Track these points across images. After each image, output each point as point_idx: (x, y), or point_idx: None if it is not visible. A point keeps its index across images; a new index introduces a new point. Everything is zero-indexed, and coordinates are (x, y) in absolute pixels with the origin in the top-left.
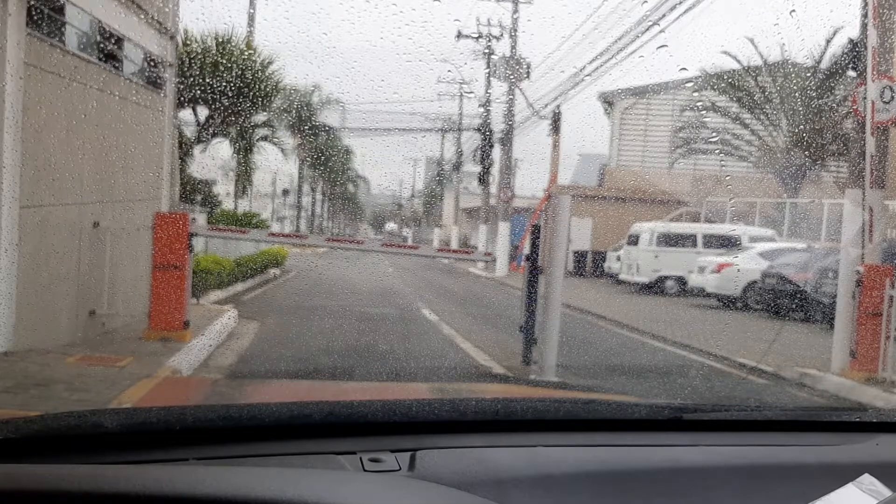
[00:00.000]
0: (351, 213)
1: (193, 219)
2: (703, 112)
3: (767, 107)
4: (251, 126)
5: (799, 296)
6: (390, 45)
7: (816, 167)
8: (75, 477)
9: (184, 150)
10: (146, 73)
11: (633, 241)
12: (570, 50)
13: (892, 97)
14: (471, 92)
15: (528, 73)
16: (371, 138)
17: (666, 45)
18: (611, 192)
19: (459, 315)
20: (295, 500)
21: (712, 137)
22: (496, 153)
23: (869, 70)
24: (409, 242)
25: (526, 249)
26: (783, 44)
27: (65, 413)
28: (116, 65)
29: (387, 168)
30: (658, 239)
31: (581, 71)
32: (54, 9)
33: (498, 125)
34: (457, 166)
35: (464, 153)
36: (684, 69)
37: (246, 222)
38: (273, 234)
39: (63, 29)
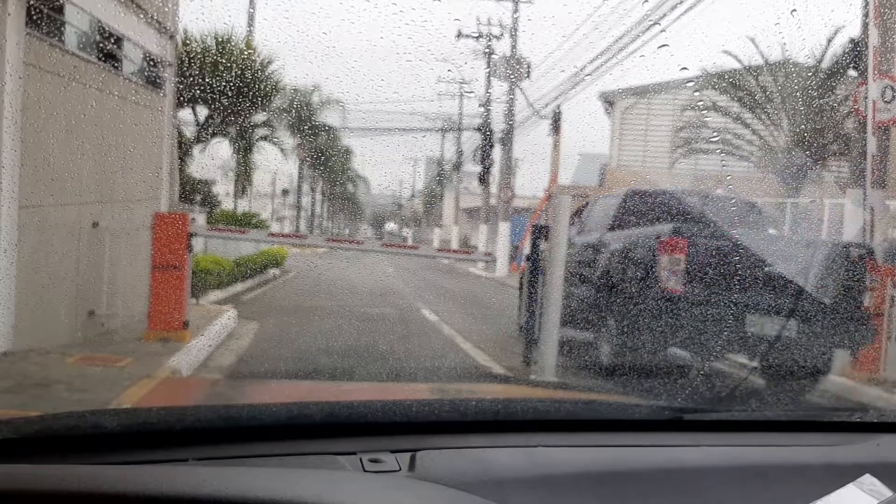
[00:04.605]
0: (351, 213)
1: (193, 219)
2: (704, 112)
3: (768, 106)
4: (251, 126)
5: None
6: (390, 45)
7: (818, 167)
8: (75, 477)
9: (183, 150)
10: (146, 73)
11: None
12: (570, 50)
13: (894, 97)
14: (471, 92)
15: (528, 72)
16: (371, 138)
17: (667, 45)
18: (611, 191)
19: (459, 315)
20: (295, 501)
21: (713, 137)
22: (496, 153)
23: (870, 69)
24: (409, 242)
25: (526, 249)
26: (784, 43)
27: (65, 413)
28: (116, 64)
29: (387, 168)
30: None
31: (581, 71)
32: (54, 8)
33: (498, 125)
34: (457, 166)
35: (464, 153)
36: (685, 69)
37: (245, 222)
38: (273, 235)
39: (62, 29)
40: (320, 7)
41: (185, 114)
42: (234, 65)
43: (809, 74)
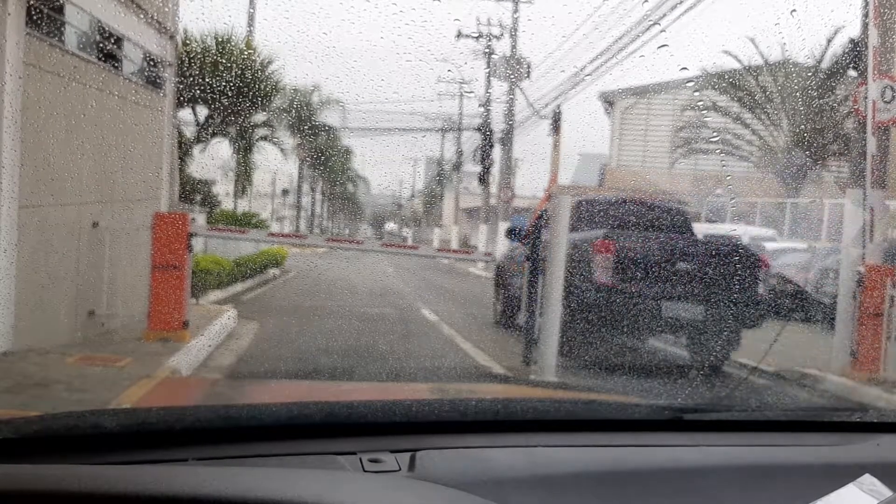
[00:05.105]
0: (351, 213)
1: (193, 219)
2: (704, 112)
3: (768, 106)
4: (251, 126)
5: (800, 296)
6: (390, 45)
7: (817, 167)
8: (75, 477)
9: (183, 149)
10: (146, 73)
11: None
12: (570, 50)
13: (893, 97)
14: (471, 92)
15: (528, 72)
16: (371, 138)
17: (667, 45)
18: (611, 191)
19: (459, 315)
20: (295, 501)
21: (713, 137)
22: (496, 153)
23: (870, 69)
24: (409, 242)
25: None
26: (784, 43)
27: (65, 413)
28: (116, 64)
29: (387, 168)
30: None
31: (581, 71)
32: (54, 8)
33: (498, 125)
34: (457, 166)
35: (464, 153)
36: (685, 69)
37: (245, 222)
38: (272, 234)
39: (62, 29)
40: (320, 7)
41: (185, 114)
42: (234, 65)
43: (809, 74)
